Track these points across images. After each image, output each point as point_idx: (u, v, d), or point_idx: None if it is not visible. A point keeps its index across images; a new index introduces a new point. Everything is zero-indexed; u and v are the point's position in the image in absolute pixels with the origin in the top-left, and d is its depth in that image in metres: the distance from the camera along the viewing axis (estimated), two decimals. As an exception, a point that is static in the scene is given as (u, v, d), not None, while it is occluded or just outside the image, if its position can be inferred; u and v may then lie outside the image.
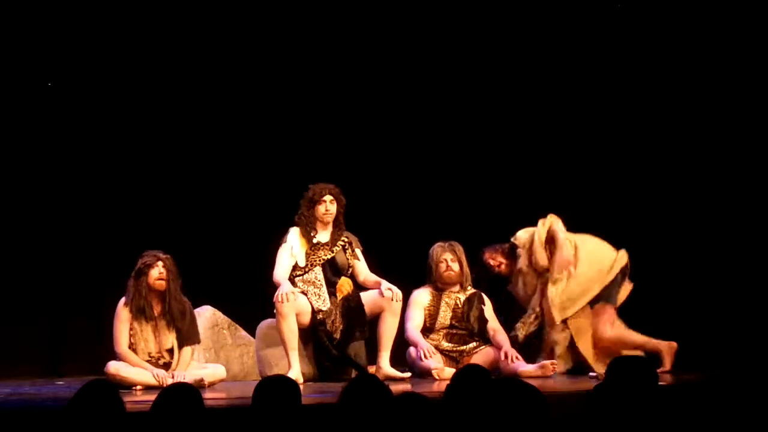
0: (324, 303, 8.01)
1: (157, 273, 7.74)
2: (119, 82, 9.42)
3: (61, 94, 9.40)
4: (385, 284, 8.04)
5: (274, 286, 7.96)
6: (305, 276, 8.06)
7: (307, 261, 8.07)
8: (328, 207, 8.09)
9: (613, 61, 9.40)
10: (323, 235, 8.14)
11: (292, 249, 8.06)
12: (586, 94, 9.48)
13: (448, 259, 8.26)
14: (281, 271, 7.98)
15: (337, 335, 7.99)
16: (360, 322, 8.03)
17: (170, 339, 7.79)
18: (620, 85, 9.40)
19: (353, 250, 8.18)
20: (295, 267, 8.05)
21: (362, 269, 8.20)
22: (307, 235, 8.10)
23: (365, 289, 8.17)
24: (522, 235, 8.44)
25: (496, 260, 8.51)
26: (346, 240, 8.17)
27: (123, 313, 7.74)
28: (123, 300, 7.78)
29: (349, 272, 8.19)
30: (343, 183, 8.34)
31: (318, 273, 8.07)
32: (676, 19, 9.25)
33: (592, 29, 9.46)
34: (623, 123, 9.41)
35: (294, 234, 8.11)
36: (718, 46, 9.18)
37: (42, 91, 9.36)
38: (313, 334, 8.00)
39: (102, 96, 9.43)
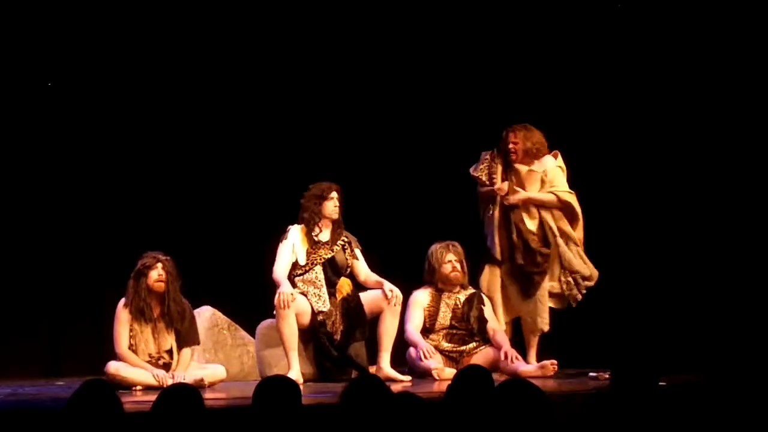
0: (324, 304, 8.00)
1: (156, 275, 7.74)
2: (119, 82, 9.43)
3: (61, 94, 9.40)
4: (387, 285, 8.04)
5: (274, 286, 7.96)
6: (305, 276, 8.05)
7: (307, 260, 8.06)
8: (336, 203, 8.10)
9: (613, 61, 9.40)
10: (324, 234, 8.14)
11: (293, 246, 8.04)
12: (585, 95, 9.48)
13: (453, 260, 8.25)
14: (281, 269, 7.96)
15: (338, 336, 7.99)
16: (360, 322, 8.03)
17: (169, 340, 7.80)
18: (619, 86, 9.40)
19: (352, 250, 8.17)
20: (295, 266, 8.04)
21: (362, 269, 8.20)
22: (310, 233, 8.08)
23: (365, 289, 8.18)
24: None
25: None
26: (345, 240, 8.17)
27: (123, 314, 7.75)
28: (123, 301, 7.79)
29: (348, 272, 8.18)
30: (343, 183, 8.34)
31: (318, 273, 8.06)
32: (676, 20, 9.25)
33: (593, 29, 9.47)
34: (626, 124, 9.41)
35: (295, 231, 8.10)
36: (717, 47, 9.18)
37: (42, 91, 9.37)
38: (313, 335, 7.99)
39: (102, 96, 9.43)
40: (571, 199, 8.33)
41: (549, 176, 8.33)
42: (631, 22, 9.38)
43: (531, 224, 8.32)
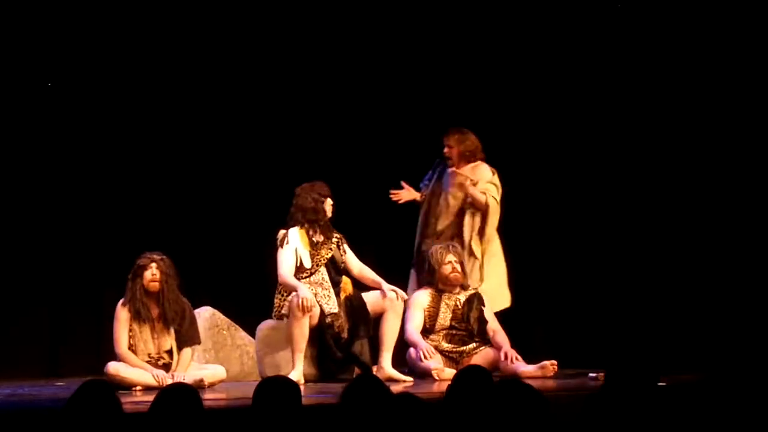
0: (334, 305, 7.98)
1: (150, 275, 7.73)
2: (119, 83, 9.43)
3: (61, 94, 9.40)
4: (385, 285, 8.03)
5: (276, 287, 7.97)
6: (312, 278, 8.02)
7: (312, 261, 8.03)
8: (332, 201, 8.10)
9: (612, 61, 9.40)
10: (319, 234, 8.12)
11: (296, 250, 8.01)
12: (584, 95, 9.48)
13: (453, 260, 8.26)
14: (289, 272, 7.93)
15: (344, 334, 7.98)
16: (364, 320, 8.02)
17: (169, 340, 7.79)
18: (617, 86, 9.41)
19: (343, 246, 8.17)
20: (300, 269, 8.00)
21: (354, 263, 8.19)
22: (310, 235, 8.06)
23: (365, 288, 8.17)
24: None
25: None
26: (337, 236, 8.16)
27: (122, 314, 7.75)
28: (121, 301, 7.79)
29: (343, 267, 8.17)
30: (342, 184, 8.34)
31: (323, 273, 8.03)
32: (676, 20, 9.25)
33: (593, 29, 9.46)
34: (638, 123, 9.41)
35: (295, 235, 8.06)
36: (717, 47, 9.18)
37: (42, 91, 9.37)
38: (319, 336, 7.96)
39: (102, 96, 9.44)
40: (492, 206, 8.48)
41: (481, 186, 8.52)
42: (631, 22, 9.39)
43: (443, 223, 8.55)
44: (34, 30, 9.21)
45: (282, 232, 8.06)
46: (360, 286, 8.20)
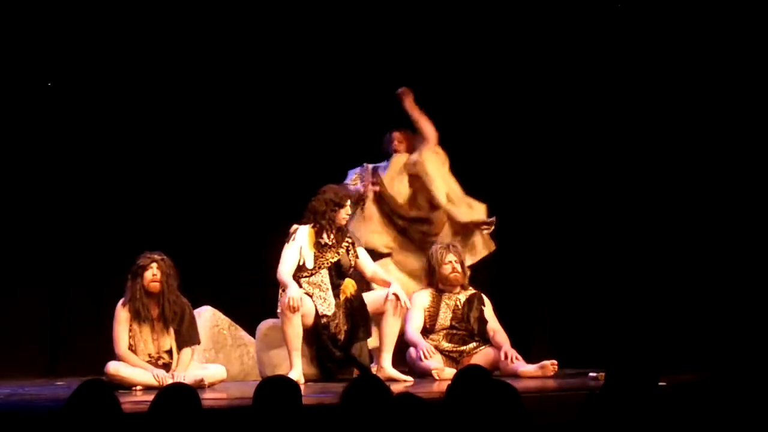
0: (329, 307, 7.96)
1: (150, 275, 7.72)
2: (119, 82, 9.43)
3: (61, 94, 9.40)
4: (391, 288, 8.02)
5: (276, 286, 7.96)
6: (312, 278, 8.01)
7: (315, 263, 8.01)
8: (348, 212, 8.07)
9: (611, 60, 9.40)
10: (329, 238, 8.10)
11: (300, 249, 7.99)
12: (585, 95, 9.48)
13: (453, 260, 8.26)
14: (287, 270, 7.92)
15: (342, 336, 7.98)
16: (363, 321, 8.02)
17: (169, 340, 7.79)
18: (617, 85, 9.41)
19: (355, 250, 8.16)
20: (302, 268, 7.98)
21: (368, 265, 8.18)
22: (319, 236, 8.03)
23: (368, 288, 8.17)
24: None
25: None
26: (349, 241, 8.15)
27: (121, 314, 7.74)
28: (121, 301, 7.78)
29: (351, 272, 8.16)
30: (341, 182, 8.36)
31: (324, 276, 8.01)
32: (676, 19, 9.25)
33: (593, 28, 9.47)
34: (639, 125, 9.40)
35: (304, 233, 8.03)
36: (716, 47, 9.18)
37: (42, 91, 9.37)
38: (316, 336, 7.97)
39: (102, 96, 9.44)
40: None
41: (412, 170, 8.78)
42: (631, 22, 9.39)
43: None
44: (34, 30, 9.21)
45: (294, 227, 8.05)
46: (367, 287, 8.19)
